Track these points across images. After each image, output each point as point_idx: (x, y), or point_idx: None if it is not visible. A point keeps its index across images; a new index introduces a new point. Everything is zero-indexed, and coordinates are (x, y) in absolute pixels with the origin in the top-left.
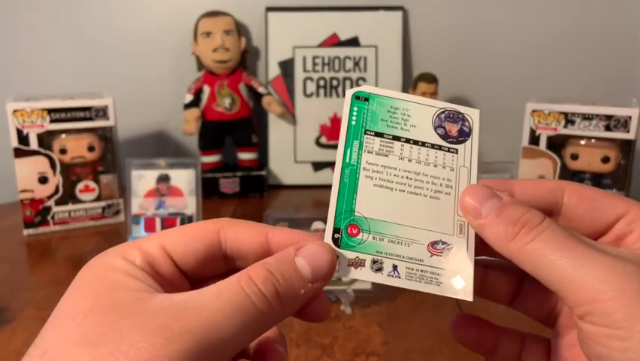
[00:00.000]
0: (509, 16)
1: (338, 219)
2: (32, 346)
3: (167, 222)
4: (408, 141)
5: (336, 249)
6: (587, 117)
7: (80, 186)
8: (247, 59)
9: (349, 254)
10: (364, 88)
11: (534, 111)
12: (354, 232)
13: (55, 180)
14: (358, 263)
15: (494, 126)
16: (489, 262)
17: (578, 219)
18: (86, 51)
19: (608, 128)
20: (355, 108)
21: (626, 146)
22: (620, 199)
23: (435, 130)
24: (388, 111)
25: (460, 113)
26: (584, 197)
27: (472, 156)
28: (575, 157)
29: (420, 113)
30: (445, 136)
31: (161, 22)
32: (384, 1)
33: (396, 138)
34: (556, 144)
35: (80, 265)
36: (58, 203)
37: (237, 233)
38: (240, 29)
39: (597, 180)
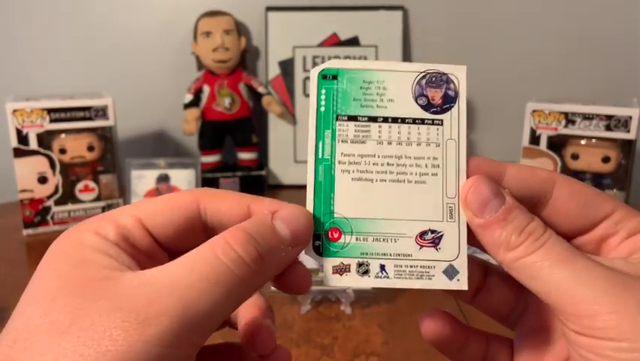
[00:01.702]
0: (509, 16)
1: (317, 224)
2: (3, 332)
3: None
4: (386, 120)
5: (319, 258)
6: (587, 117)
7: (80, 186)
8: (247, 59)
9: (333, 261)
10: (331, 63)
11: (534, 111)
12: (336, 235)
13: (55, 180)
14: (343, 269)
15: (494, 126)
16: None
17: (565, 214)
18: (86, 51)
19: (608, 128)
20: (323, 90)
21: (626, 146)
22: (608, 198)
23: (416, 101)
24: (361, 87)
25: (444, 74)
26: (576, 192)
27: (460, 126)
28: (575, 157)
29: (397, 83)
30: (427, 106)
31: (160, 22)
32: (384, 1)
33: (373, 119)
34: (557, 143)
35: None
36: (57, 203)
37: (218, 204)
38: (240, 29)
39: (597, 180)
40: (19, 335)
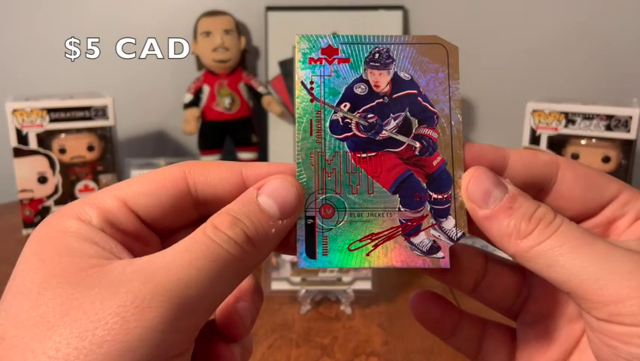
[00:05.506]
0: (510, 16)
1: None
2: None
3: None
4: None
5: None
6: (587, 117)
7: (80, 185)
8: (247, 59)
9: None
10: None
11: (534, 111)
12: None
13: (55, 179)
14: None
15: (494, 126)
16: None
17: (570, 198)
18: (85, 51)
19: (608, 128)
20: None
21: (626, 146)
22: (612, 179)
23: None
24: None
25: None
26: (580, 175)
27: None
28: (575, 157)
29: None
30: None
31: (160, 22)
32: (385, 1)
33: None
34: (557, 143)
35: None
36: (57, 203)
37: (208, 176)
38: (240, 29)
39: None
40: (7, 331)
